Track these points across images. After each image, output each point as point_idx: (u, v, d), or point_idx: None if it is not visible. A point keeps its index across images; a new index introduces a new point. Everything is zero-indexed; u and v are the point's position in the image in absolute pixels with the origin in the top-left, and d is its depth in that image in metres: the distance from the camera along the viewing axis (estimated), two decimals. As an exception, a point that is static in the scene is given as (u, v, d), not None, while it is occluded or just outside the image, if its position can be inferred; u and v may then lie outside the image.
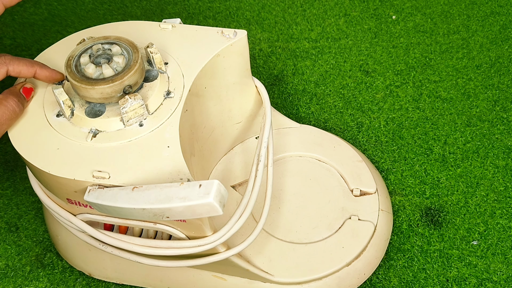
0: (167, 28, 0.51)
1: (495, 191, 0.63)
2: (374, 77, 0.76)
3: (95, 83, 0.41)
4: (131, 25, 0.52)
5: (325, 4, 0.86)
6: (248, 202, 0.46)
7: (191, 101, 0.47)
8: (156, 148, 0.42)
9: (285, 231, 0.56)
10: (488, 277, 0.56)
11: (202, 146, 0.55)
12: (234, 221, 0.45)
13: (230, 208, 0.56)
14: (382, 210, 0.57)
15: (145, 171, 0.41)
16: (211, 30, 0.50)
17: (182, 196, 0.37)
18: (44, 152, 0.42)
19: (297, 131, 0.63)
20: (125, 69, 0.42)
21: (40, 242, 0.60)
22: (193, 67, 0.47)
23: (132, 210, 0.38)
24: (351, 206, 0.57)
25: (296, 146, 0.62)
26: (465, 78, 0.75)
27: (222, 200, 0.37)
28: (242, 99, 0.57)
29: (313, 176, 0.60)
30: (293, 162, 0.61)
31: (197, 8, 0.87)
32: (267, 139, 0.51)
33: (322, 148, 0.61)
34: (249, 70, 0.54)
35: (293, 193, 0.59)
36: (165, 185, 0.38)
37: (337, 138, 0.63)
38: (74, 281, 0.57)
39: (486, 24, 0.82)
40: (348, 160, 0.60)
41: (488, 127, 0.69)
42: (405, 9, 0.85)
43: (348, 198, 0.58)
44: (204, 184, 0.37)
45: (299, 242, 0.55)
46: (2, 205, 0.64)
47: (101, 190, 0.40)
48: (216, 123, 0.56)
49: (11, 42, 0.81)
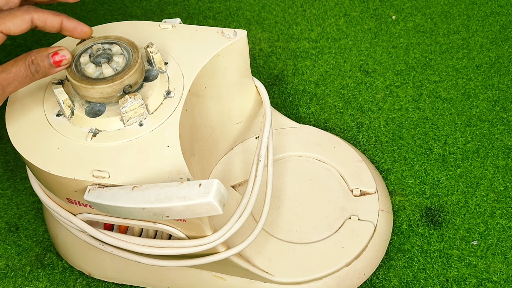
0: (167, 28, 0.51)
1: (495, 191, 0.63)
2: (374, 77, 0.76)
3: (95, 83, 0.41)
4: (131, 25, 0.52)
5: (325, 4, 0.86)
6: (248, 202, 0.46)
7: (191, 101, 0.47)
8: (156, 147, 0.42)
9: (285, 231, 0.56)
10: (488, 277, 0.56)
11: (202, 146, 0.55)
12: (234, 221, 0.45)
13: (230, 208, 0.56)
14: (382, 210, 0.57)
15: (145, 170, 0.41)
16: (211, 30, 0.50)
17: (182, 195, 0.37)
18: (44, 151, 0.42)
19: (297, 131, 0.63)
20: (125, 69, 0.42)
21: (40, 242, 0.60)
22: (193, 67, 0.47)
23: (132, 210, 0.38)
24: (351, 206, 0.57)
25: (296, 146, 0.62)
26: (465, 78, 0.75)
27: (222, 200, 0.37)
28: (242, 99, 0.57)
29: (313, 176, 0.60)
30: (293, 162, 0.61)
31: (197, 8, 0.87)
32: (267, 139, 0.51)
33: (322, 148, 0.61)
34: (249, 70, 0.54)
35: (293, 193, 0.59)
36: (165, 185, 0.38)
37: (337, 138, 0.63)
38: (74, 281, 0.57)
39: (486, 24, 0.82)
40: (348, 160, 0.60)
41: (488, 127, 0.69)
42: (405, 9, 0.85)
43: (348, 198, 0.58)
44: (204, 183, 0.37)
45: (299, 242, 0.55)
46: (2, 205, 0.64)
47: (101, 189, 0.40)
48: (216, 123, 0.56)
49: (11, 42, 0.81)
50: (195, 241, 0.45)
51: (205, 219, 0.43)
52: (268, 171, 0.51)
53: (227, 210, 0.47)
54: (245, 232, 0.50)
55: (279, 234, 0.55)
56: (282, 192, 0.59)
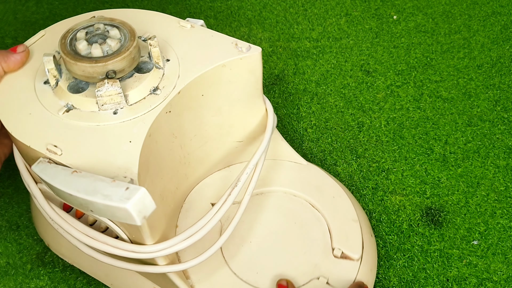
0: (185, 26, 0.50)
1: (495, 191, 0.62)
2: (375, 77, 0.76)
3: (79, 60, 0.41)
4: (151, 15, 0.51)
5: (326, 4, 0.86)
6: (205, 225, 0.43)
7: (180, 104, 0.45)
8: (119, 139, 0.40)
9: (244, 269, 0.50)
10: (488, 277, 0.56)
11: (189, 154, 0.52)
12: (180, 239, 0.42)
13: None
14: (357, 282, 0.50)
15: (97, 158, 0.39)
16: (227, 39, 0.48)
17: (106, 193, 0.34)
18: (16, 113, 0.42)
19: (301, 168, 0.58)
20: (114, 54, 0.41)
21: (40, 240, 0.60)
22: (192, 70, 0.46)
23: (64, 193, 0.36)
24: (326, 266, 0.50)
25: (294, 184, 0.57)
26: (466, 78, 0.75)
27: (142, 211, 0.34)
28: (247, 118, 0.53)
29: (299, 220, 0.54)
30: (284, 199, 0.56)
31: (198, 7, 0.87)
32: (253, 165, 0.47)
33: (320, 194, 0.56)
34: (259, 90, 0.51)
35: (271, 231, 0.53)
36: (99, 178, 0.36)
37: (340, 188, 0.57)
38: (75, 280, 0.57)
39: (487, 24, 0.82)
40: (342, 215, 0.54)
41: (489, 127, 0.69)
42: (406, 9, 0.85)
43: (326, 256, 0.51)
44: (132, 188, 0.34)
45: (253, 285, 0.49)
46: (3, 203, 0.64)
47: (48, 164, 0.39)
48: (211, 134, 0.52)
49: (13, 41, 0.82)
50: (130, 246, 0.42)
51: (144, 226, 0.40)
52: (244, 198, 0.47)
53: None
54: (212, 262, 0.47)
55: (237, 269, 0.50)
56: (260, 226, 0.54)
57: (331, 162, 0.66)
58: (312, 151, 0.67)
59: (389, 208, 0.62)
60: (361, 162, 0.66)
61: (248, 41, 0.81)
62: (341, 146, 0.68)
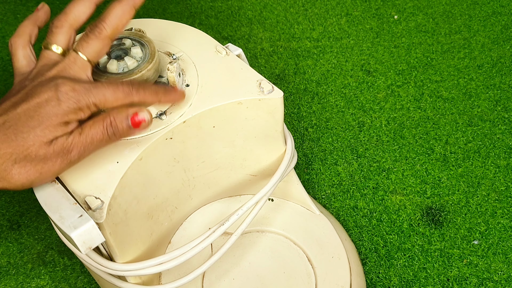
0: (220, 53, 0.47)
1: (496, 191, 0.63)
2: (376, 76, 0.76)
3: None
4: (192, 33, 0.49)
5: (327, 4, 0.86)
6: (178, 255, 0.42)
7: (184, 132, 0.43)
8: (108, 158, 0.40)
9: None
10: (489, 276, 0.56)
11: (195, 178, 0.50)
12: (151, 264, 0.42)
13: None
14: None
15: (80, 172, 0.39)
16: (254, 75, 0.46)
17: (63, 215, 0.35)
18: None
19: (311, 217, 0.55)
20: (126, 73, 0.41)
21: (41, 239, 0.60)
22: (206, 102, 0.43)
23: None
24: None
25: (297, 232, 0.54)
26: (467, 78, 0.75)
27: (87, 242, 0.35)
28: (264, 156, 0.51)
29: (289, 270, 0.51)
30: (283, 245, 0.54)
31: (199, 7, 0.87)
32: (247, 208, 0.46)
33: (320, 250, 0.53)
34: (279, 132, 0.48)
35: (257, 273, 0.51)
36: (67, 196, 0.36)
37: (342, 250, 0.53)
38: (76, 279, 0.57)
39: (488, 24, 0.82)
40: (334, 280, 0.51)
41: (489, 127, 0.69)
42: (407, 9, 0.85)
43: None
44: (84, 218, 0.34)
45: None
46: (4, 202, 0.64)
47: None
48: (223, 164, 0.50)
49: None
50: (100, 259, 0.42)
51: (111, 244, 0.40)
52: (230, 239, 0.46)
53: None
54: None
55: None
56: (247, 265, 0.52)
57: (332, 161, 0.66)
58: (313, 151, 0.67)
59: (389, 208, 0.62)
60: (362, 161, 0.66)
61: (249, 40, 0.81)
62: (341, 145, 0.68)
